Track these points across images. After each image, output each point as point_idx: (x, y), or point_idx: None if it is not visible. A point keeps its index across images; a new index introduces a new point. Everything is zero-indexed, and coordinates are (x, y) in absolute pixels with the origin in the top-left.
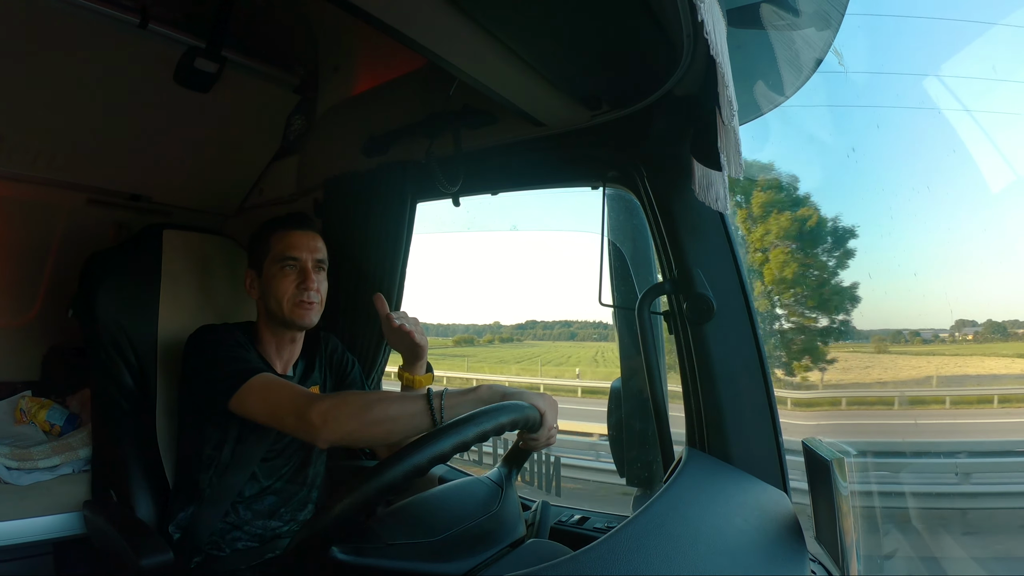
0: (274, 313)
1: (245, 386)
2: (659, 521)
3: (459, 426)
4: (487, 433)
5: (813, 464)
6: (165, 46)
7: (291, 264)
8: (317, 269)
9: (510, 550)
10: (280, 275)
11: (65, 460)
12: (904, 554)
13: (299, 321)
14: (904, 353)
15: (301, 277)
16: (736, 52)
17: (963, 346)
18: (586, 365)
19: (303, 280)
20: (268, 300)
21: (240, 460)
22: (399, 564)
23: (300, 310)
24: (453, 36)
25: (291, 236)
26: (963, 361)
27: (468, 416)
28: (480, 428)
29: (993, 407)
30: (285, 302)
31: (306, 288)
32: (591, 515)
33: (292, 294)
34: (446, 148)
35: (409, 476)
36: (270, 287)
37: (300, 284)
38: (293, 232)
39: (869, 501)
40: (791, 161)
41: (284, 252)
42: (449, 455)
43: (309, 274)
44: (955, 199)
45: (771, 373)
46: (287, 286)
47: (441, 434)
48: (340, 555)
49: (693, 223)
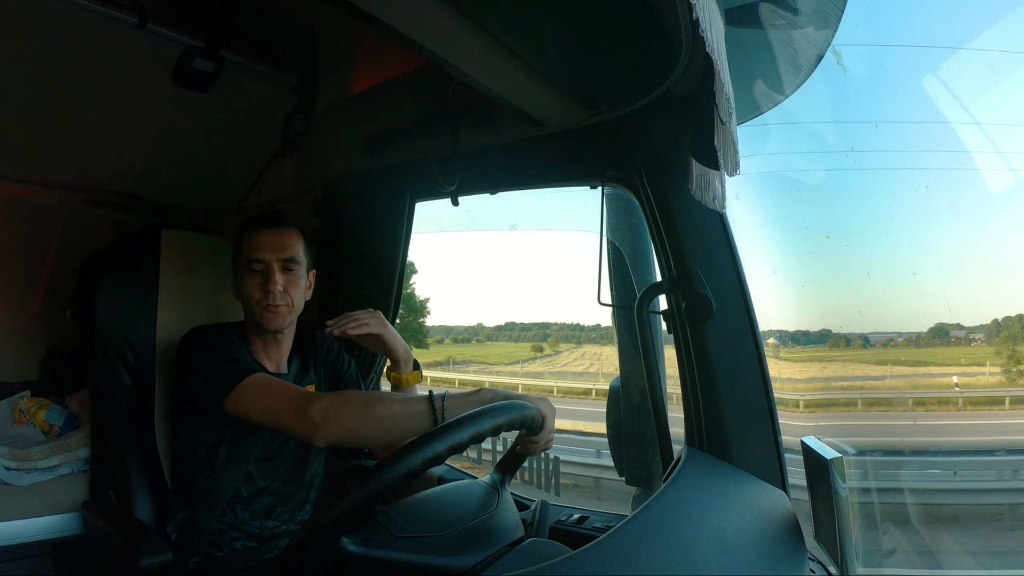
0: (248, 316)
1: (240, 386)
2: (658, 520)
3: (457, 427)
4: (485, 433)
5: (812, 463)
6: (164, 46)
7: (256, 266)
8: (284, 269)
9: (509, 549)
10: (247, 278)
11: (64, 460)
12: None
13: (267, 325)
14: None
15: (264, 279)
16: (735, 51)
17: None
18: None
19: (265, 282)
20: (242, 303)
21: (235, 460)
22: (407, 556)
23: (268, 313)
24: (452, 36)
25: (256, 236)
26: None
27: (466, 416)
28: (477, 428)
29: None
30: (254, 305)
31: (268, 291)
32: (590, 514)
33: (258, 297)
34: (445, 147)
35: (406, 477)
36: (241, 290)
37: (263, 286)
38: (258, 232)
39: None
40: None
41: (249, 254)
42: (446, 456)
43: (272, 275)
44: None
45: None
46: (252, 289)
47: (439, 434)
48: (351, 546)
49: (692, 222)
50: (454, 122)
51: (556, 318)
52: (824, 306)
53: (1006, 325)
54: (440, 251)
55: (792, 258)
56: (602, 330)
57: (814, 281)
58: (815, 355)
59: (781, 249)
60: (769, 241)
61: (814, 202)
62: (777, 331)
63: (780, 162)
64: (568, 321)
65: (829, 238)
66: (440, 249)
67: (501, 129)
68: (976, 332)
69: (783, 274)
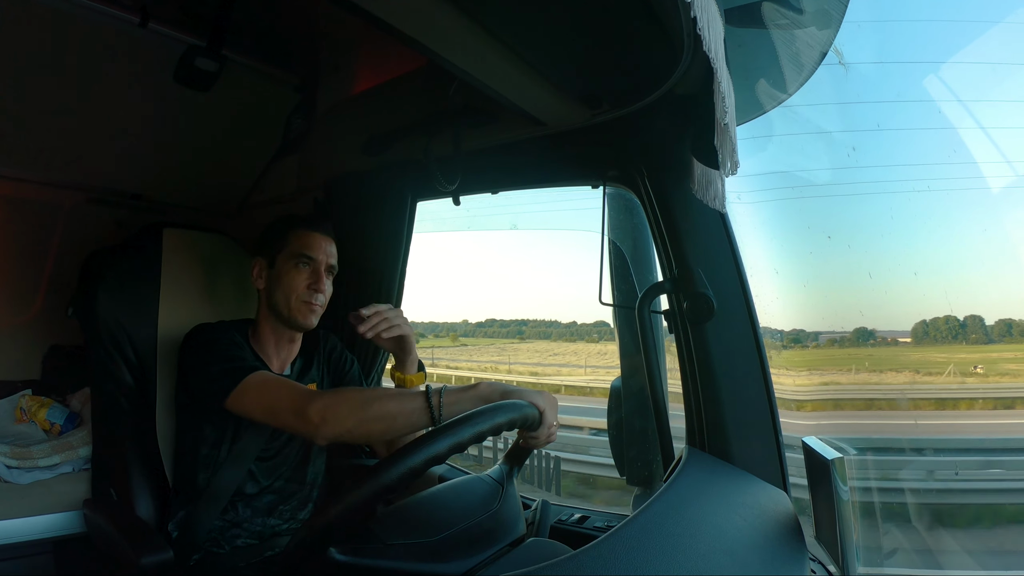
0: (278, 309)
1: (241, 384)
2: (659, 520)
3: (455, 427)
4: (483, 434)
5: (813, 463)
6: (165, 45)
7: (305, 262)
8: (328, 273)
9: (510, 549)
10: (293, 271)
11: (65, 459)
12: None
13: (302, 321)
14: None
15: (313, 278)
16: (736, 51)
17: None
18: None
19: (315, 281)
20: (275, 294)
21: (236, 458)
22: (397, 564)
23: (305, 310)
24: (453, 35)
25: (311, 236)
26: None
27: (464, 417)
28: (476, 429)
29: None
30: (293, 299)
31: (316, 290)
32: (591, 514)
33: (301, 293)
34: (446, 147)
35: (404, 479)
36: (280, 281)
37: (311, 285)
38: (314, 232)
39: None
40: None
41: (301, 249)
42: (445, 457)
43: (321, 276)
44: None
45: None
46: (298, 283)
47: (437, 436)
48: (338, 556)
49: (693, 222)
50: (455, 122)
51: (533, 315)
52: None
53: (933, 326)
54: (428, 250)
55: (793, 258)
56: (576, 327)
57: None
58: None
59: (782, 248)
60: (770, 241)
61: (816, 201)
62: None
63: (781, 161)
64: (544, 318)
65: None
66: (428, 248)
67: (502, 129)
68: (902, 336)
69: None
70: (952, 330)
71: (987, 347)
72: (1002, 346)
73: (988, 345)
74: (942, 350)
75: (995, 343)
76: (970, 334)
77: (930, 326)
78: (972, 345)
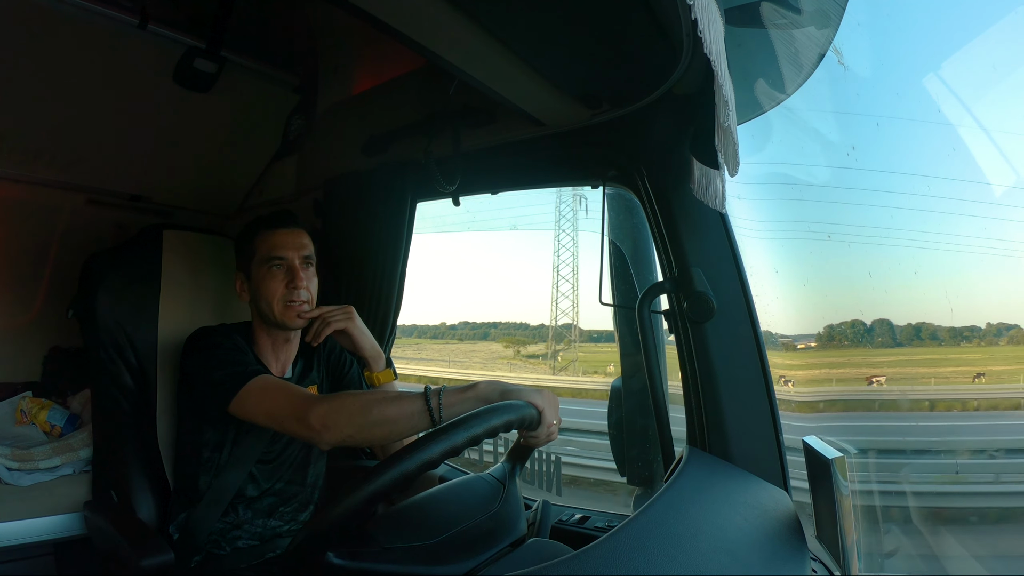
0: (266, 315)
1: (244, 389)
2: (660, 520)
3: (449, 431)
4: (479, 437)
5: (814, 463)
6: (165, 46)
7: (278, 264)
8: (305, 266)
9: (511, 549)
10: (268, 277)
11: (66, 461)
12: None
13: (290, 323)
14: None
15: (289, 276)
16: (736, 51)
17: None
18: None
19: (291, 280)
20: (259, 303)
21: (238, 461)
22: (395, 568)
23: (291, 312)
24: (453, 36)
25: (275, 236)
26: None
27: (459, 420)
28: (471, 432)
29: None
30: (275, 304)
31: (295, 287)
32: (592, 514)
33: (282, 295)
34: (446, 148)
35: (397, 485)
36: (260, 289)
37: (289, 284)
38: (277, 231)
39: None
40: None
41: (270, 252)
42: (439, 462)
43: (297, 273)
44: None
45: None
46: (276, 287)
47: (430, 440)
48: (336, 560)
49: (693, 222)
50: (455, 122)
51: (505, 317)
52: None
53: (839, 331)
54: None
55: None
56: (545, 329)
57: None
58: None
59: (782, 248)
60: (771, 240)
61: (817, 201)
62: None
63: (781, 160)
64: (516, 321)
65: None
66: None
67: (502, 129)
68: (808, 340)
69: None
70: (858, 334)
71: (894, 350)
72: (910, 349)
73: (894, 348)
74: (847, 354)
75: (902, 346)
76: (876, 338)
77: (835, 330)
78: (877, 348)
